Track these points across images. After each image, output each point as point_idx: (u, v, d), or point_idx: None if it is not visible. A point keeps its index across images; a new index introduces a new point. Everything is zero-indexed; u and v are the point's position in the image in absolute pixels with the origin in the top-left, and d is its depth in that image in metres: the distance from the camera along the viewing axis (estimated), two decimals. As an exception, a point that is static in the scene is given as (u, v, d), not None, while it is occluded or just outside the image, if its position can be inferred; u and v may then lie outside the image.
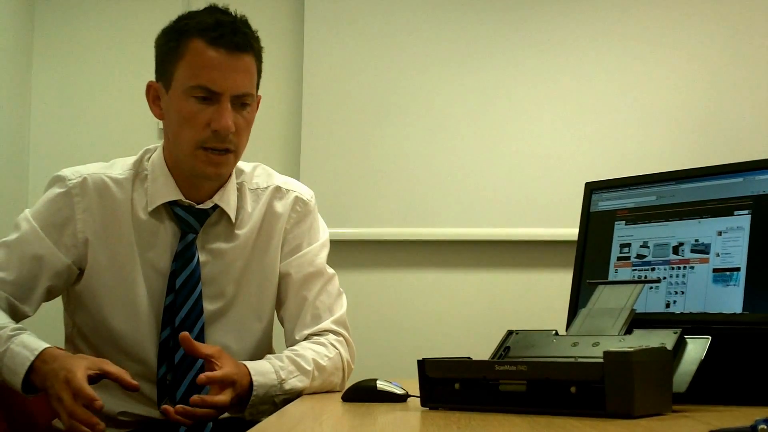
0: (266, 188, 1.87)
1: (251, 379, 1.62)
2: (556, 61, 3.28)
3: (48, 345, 1.62)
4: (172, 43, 1.72)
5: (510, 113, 3.28)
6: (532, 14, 3.30)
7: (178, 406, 1.54)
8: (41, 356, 1.58)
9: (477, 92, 3.29)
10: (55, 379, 1.52)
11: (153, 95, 1.78)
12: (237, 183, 1.85)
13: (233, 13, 1.76)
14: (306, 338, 1.81)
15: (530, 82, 3.28)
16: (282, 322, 1.88)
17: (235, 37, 1.70)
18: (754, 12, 3.24)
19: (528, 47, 3.29)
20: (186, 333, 1.60)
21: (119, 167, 1.82)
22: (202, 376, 1.55)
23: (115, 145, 3.24)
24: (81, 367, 1.53)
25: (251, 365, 1.65)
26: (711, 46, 3.25)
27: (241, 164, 1.86)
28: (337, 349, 1.79)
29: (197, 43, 1.69)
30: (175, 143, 1.75)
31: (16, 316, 1.72)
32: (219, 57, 1.69)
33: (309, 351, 1.75)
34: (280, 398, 1.66)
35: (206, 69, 1.69)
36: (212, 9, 1.76)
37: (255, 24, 1.77)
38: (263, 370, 1.65)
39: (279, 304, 1.88)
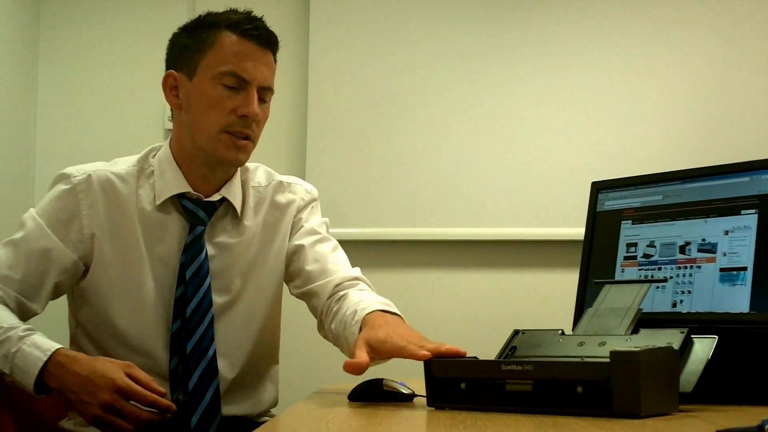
0: (268, 185, 1.91)
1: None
2: (560, 60, 3.28)
3: (60, 345, 1.63)
4: (202, 35, 1.76)
5: (516, 113, 3.28)
6: (538, 14, 3.30)
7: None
8: (54, 357, 1.59)
9: (482, 92, 3.29)
10: (92, 386, 1.55)
11: (171, 84, 1.80)
12: (241, 179, 1.87)
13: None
14: (342, 282, 1.81)
15: (536, 82, 3.28)
16: (309, 282, 1.86)
17: (266, 33, 1.78)
18: (759, 10, 3.23)
19: (534, 47, 3.29)
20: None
21: (122, 164, 1.84)
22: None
23: (121, 144, 3.23)
24: (118, 370, 1.57)
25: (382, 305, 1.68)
26: (717, 44, 3.24)
27: None
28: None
29: (229, 34, 1.75)
30: (195, 129, 1.77)
31: (25, 314, 1.73)
32: (251, 48, 1.75)
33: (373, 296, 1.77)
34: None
35: (238, 57, 1.74)
36: (236, 11, 1.80)
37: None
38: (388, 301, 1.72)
39: (297, 272, 1.87)
